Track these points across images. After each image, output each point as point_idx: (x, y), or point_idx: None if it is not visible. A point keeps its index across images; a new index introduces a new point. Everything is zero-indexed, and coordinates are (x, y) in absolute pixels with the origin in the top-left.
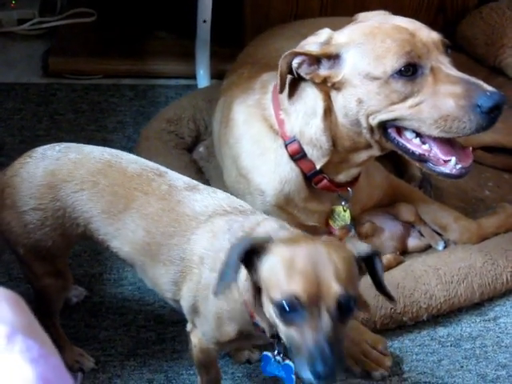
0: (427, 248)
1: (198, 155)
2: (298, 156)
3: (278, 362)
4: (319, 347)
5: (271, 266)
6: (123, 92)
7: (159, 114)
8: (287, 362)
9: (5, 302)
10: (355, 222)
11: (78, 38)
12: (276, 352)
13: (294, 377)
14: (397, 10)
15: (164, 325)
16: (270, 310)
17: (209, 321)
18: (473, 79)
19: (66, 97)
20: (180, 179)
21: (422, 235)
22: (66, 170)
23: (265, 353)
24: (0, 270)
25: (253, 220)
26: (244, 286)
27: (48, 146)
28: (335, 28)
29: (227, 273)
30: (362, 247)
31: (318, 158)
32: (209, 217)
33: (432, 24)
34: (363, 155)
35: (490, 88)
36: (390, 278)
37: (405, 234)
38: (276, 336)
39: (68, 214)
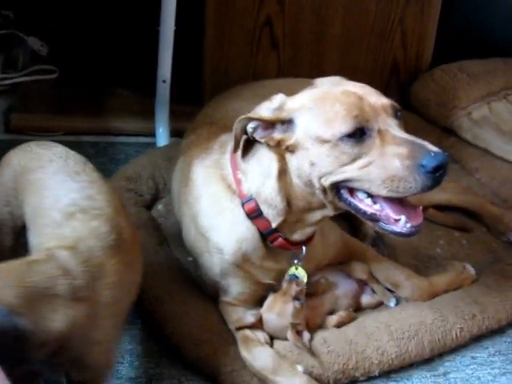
0: (379, 305)
1: (157, 213)
2: (255, 215)
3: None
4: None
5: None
6: (84, 149)
7: (119, 172)
8: None
9: None
10: (309, 279)
11: (39, 95)
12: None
13: None
14: (352, 73)
15: (122, 380)
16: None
17: None
18: (418, 140)
19: None
20: None
21: (374, 292)
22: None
23: None
24: None
25: None
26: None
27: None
28: (292, 89)
29: None
30: None
31: (273, 217)
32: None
33: (386, 86)
34: (317, 215)
35: (434, 149)
36: (342, 335)
37: (358, 291)
38: None
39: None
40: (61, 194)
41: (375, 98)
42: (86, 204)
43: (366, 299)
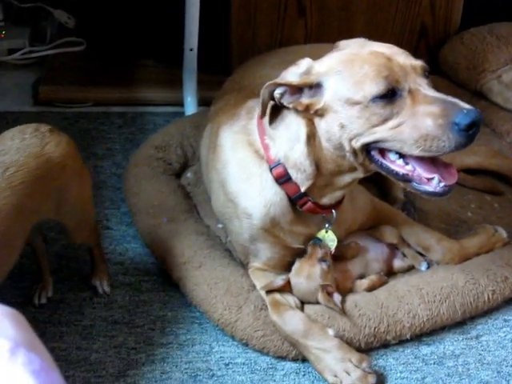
0: (410, 269)
1: (186, 181)
2: (283, 180)
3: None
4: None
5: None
6: (112, 120)
7: (147, 141)
8: None
9: (7, 318)
10: (339, 243)
11: (67, 67)
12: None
13: None
14: (380, 38)
15: (153, 346)
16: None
17: None
18: (450, 98)
19: (57, 125)
20: None
21: (405, 256)
22: None
23: None
24: None
25: None
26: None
27: None
28: (319, 55)
29: None
30: None
31: (302, 181)
32: None
33: (414, 50)
34: (347, 178)
35: (466, 106)
36: (373, 299)
37: (390, 255)
38: None
39: None
40: None
41: (404, 58)
42: None
43: (397, 263)
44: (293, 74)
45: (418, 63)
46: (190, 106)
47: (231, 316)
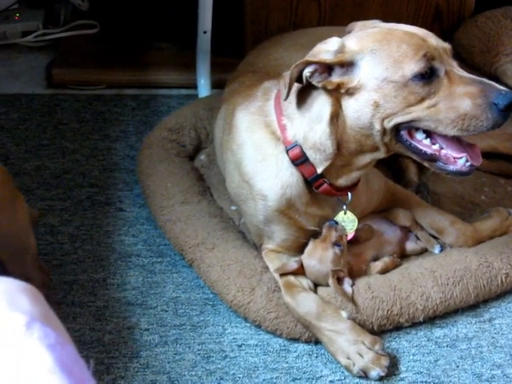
0: (424, 251)
1: (199, 163)
2: (299, 161)
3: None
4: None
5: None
6: (126, 102)
7: (161, 123)
8: None
9: (23, 293)
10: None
11: (81, 50)
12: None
13: None
14: (394, 19)
15: (166, 328)
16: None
17: None
18: (485, 80)
19: (70, 107)
20: None
21: (418, 239)
22: None
23: None
24: None
25: None
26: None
27: None
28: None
29: None
30: None
31: (320, 162)
32: None
33: None
34: (367, 158)
35: (502, 87)
36: (386, 281)
37: (403, 238)
38: None
39: None
40: None
41: (434, 40)
42: None
43: (410, 246)
44: (326, 52)
45: (447, 46)
46: (204, 89)
47: (244, 298)
